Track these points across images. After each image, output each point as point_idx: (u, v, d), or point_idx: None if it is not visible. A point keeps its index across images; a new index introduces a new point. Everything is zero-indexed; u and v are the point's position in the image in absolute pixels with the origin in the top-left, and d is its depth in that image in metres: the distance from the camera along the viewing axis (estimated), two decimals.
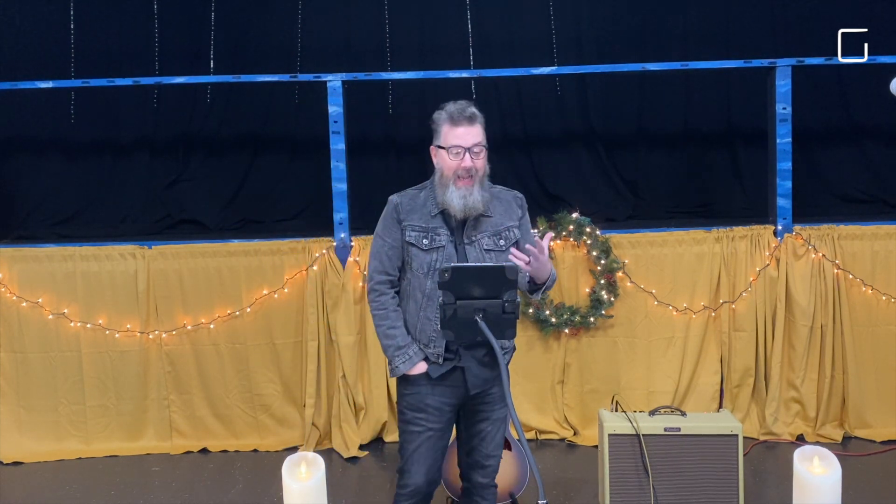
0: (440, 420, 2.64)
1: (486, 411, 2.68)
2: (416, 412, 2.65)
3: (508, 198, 2.68)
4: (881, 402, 4.29)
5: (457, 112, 2.53)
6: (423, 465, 2.65)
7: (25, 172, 5.04)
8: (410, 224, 2.59)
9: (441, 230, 2.57)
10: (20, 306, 4.34)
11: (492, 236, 2.59)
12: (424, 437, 2.64)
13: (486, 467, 2.75)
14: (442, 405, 2.63)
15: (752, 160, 4.92)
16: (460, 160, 2.51)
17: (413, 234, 2.58)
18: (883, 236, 4.28)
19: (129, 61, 5.02)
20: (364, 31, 5.09)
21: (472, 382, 2.60)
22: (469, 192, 2.51)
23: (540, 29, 5.09)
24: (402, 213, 2.61)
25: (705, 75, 4.95)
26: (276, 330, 4.37)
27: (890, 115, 4.83)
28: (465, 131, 2.52)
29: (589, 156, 5.13)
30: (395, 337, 2.62)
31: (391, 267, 2.64)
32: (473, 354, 2.58)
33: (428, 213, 2.59)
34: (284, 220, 5.08)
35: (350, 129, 4.53)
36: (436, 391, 2.62)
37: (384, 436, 4.43)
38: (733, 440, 3.20)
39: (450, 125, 2.53)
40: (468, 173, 2.51)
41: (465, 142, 2.51)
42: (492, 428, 2.70)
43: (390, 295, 2.65)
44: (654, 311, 4.33)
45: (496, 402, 2.68)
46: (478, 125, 2.55)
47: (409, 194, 2.66)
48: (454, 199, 2.51)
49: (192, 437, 4.42)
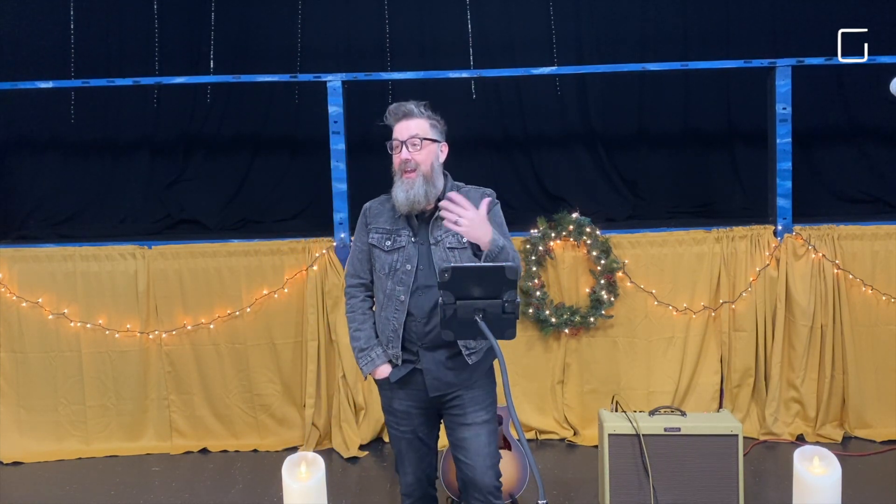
0: (409, 423, 2.63)
1: (458, 415, 2.59)
2: (388, 415, 2.69)
3: (476, 196, 2.60)
4: (881, 402, 4.28)
5: (393, 109, 2.58)
6: (408, 466, 2.69)
7: (25, 172, 5.04)
8: (376, 227, 2.63)
9: (403, 231, 2.57)
10: (20, 306, 4.34)
11: (455, 235, 2.52)
12: (401, 440, 2.67)
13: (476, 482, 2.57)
14: (408, 408, 2.62)
15: (752, 160, 4.92)
16: (398, 154, 2.54)
17: (376, 236, 2.61)
18: (883, 236, 4.28)
19: (129, 61, 5.03)
20: (364, 31, 5.10)
21: (431, 385, 2.55)
22: (411, 185, 2.51)
23: (540, 29, 5.10)
24: (370, 217, 2.66)
25: (705, 75, 4.96)
26: (276, 330, 4.37)
27: (890, 115, 4.83)
28: (401, 126, 2.56)
29: (589, 156, 5.13)
30: (359, 339, 2.65)
31: (362, 270, 2.68)
32: (435, 357, 2.54)
33: (393, 216, 2.61)
34: (284, 220, 5.08)
35: (350, 129, 4.53)
36: (398, 395, 2.62)
37: (384, 436, 4.42)
38: (733, 440, 3.19)
39: (393, 124, 2.59)
40: (407, 166, 2.52)
41: (401, 135, 2.55)
42: (469, 434, 2.58)
43: (360, 298, 2.70)
44: (654, 311, 4.33)
45: (468, 407, 2.58)
46: (417, 119, 2.56)
47: (381, 199, 2.69)
48: (398, 192, 2.53)
49: (192, 437, 4.42)
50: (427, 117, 2.59)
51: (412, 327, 2.53)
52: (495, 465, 2.61)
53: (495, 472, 2.60)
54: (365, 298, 2.70)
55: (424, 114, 2.59)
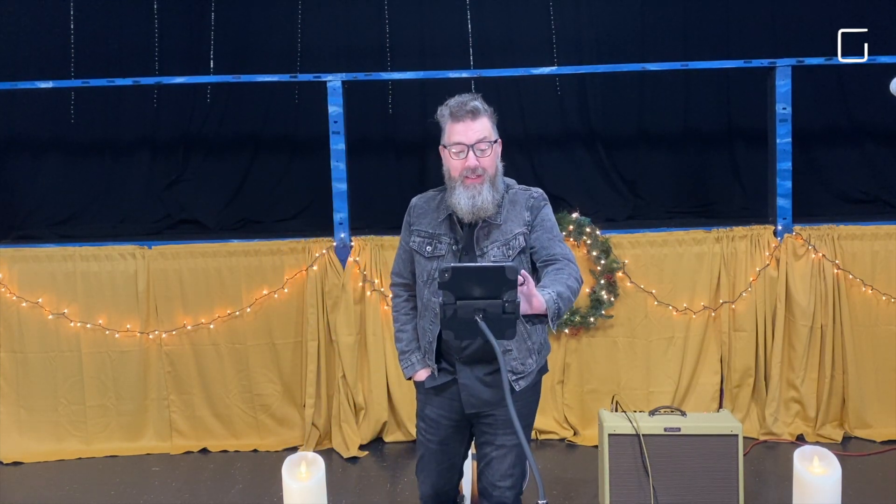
0: (438, 433, 2.51)
1: (489, 434, 2.47)
2: (420, 420, 2.58)
3: (522, 199, 2.41)
4: (881, 402, 4.28)
5: (457, 106, 2.33)
6: (427, 475, 2.59)
7: (25, 172, 5.04)
8: (418, 229, 2.45)
9: (444, 237, 2.39)
10: (20, 306, 4.34)
11: (501, 246, 2.35)
12: (426, 448, 2.56)
13: (492, 496, 2.49)
14: (439, 417, 2.50)
15: (752, 160, 4.92)
16: (464, 160, 2.30)
17: (417, 239, 2.44)
18: (883, 236, 4.28)
19: (129, 61, 5.03)
20: (364, 31, 5.09)
21: (468, 402, 2.42)
22: (478, 191, 2.29)
23: (540, 29, 5.09)
24: (414, 216, 2.48)
25: (705, 75, 4.95)
26: (276, 330, 4.37)
27: (890, 115, 4.83)
28: (465, 127, 2.30)
29: (589, 156, 5.13)
30: (401, 340, 2.56)
31: (405, 270, 2.54)
32: (473, 372, 2.41)
33: (437, 219, 2.42)
34: (284, 220, 5.08)
35: (350, 129, 4.53)
36: (433, 402, 2.50)
37: (384, 436, 4.43)
38: (733, 440, 3.19)
39: (451, 121, 2.33)
40: (474, 173, 2.29)
41: (468, 138, 2.30)
42: (496, 454, 2.46)
43: (403, 297, 2.58)
44: (654, 311, 4.33)
45: (500, 427, 2.45)
46: (483, 119, 2.33)
47: (428, 196, 2.50)
48: (462, 199, 2.30)
49: (192, 437, 4.42)
50: (490, 114, 2.37)
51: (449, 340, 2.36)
52: (516, 484, 2.52)
53: (515, 492, 2.51)
54: (408, 298, 2.56)
55: (488, 110, 2.37)
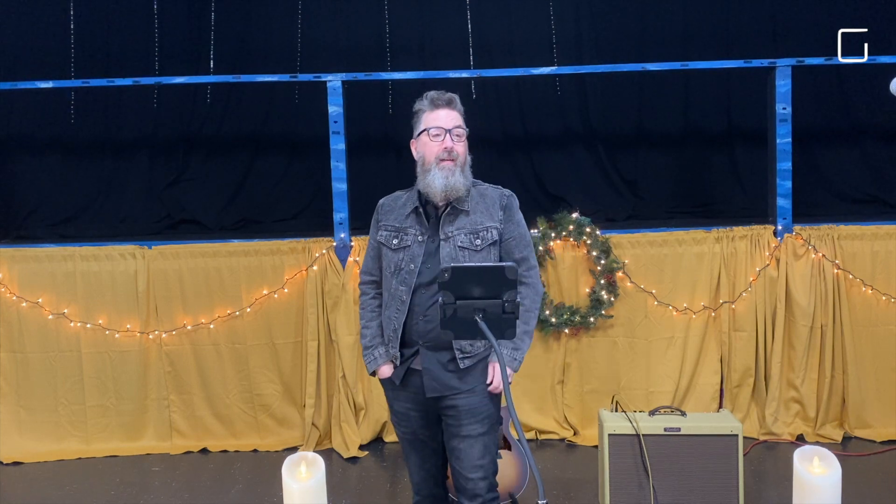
0: (408, 425, 2.62)
1: (454, 426, 2.53)
2: (391, 414, 2.71)
3: (494, 196, 2.59)
4: (881, 402, 4.28)
5: (436, 95, 2.55)
6: (413, 465, 2.71)
7: (25, 172, 5.04)
8: (385, 224, 2.61)
9: (411, 229, 2.54)
10: (20, 306, 4.34)
11: (468, 234, 2.51)
12: (403, 439, 2.68)
13: (465, 489, 2.54)
14: (407, 410, 2.60)
15: (752, 160, 4.92)
16: (441, 141, 2.49)
17: (385, 233, 2.59)
18: (883, 236, 4.28)
19: (129, 61, 5.03)
20: (364, 31, 5.09)
21: (429, 385, 2.50)
22: (451, 172, 2.47)
23: (540, 29, 5.09)
24: (382, 213, 2.65)
25: (705, 75, 4.95)
26: (276, 330, 4.37)
27: (890, 115, 4.83)
28: (445, 114, 2.53)
29: (589, 156, 5.13)
30: (365, 336, 2.66)
31: (374, 267, 2.67)
32: (438, 357, 2.51)
33: (403, 214, 2.58)
34: (284, 220, 5.08)
35: (350, 129, 4.53)
36: (399, 395, 2.61)
37: (384, 436, 4.43)
38: (733, 440, 3.19)
39: (430, 109, 2.54)
40: (449, 155, 2.48)
41: (447, 123, 2.51)
42: (463, 445, 2.52)
43: (370, 295, 2.69)
44: (654, 311, 4.33)
45: (463, 418, 2.52)
46: (457, 111, 2.56)
47: (394, 195, 2.68)
48: (436, 179, 2.47)
49: (192, 437, 4.42)
50: (460, 110, 2.59)
51: (414, 326, 2.50)
52: (488, 475, 2.56)
53: (488, 483, 2.55)
54: (375, 296, 2.68)
55: (460, 107, 2.59)
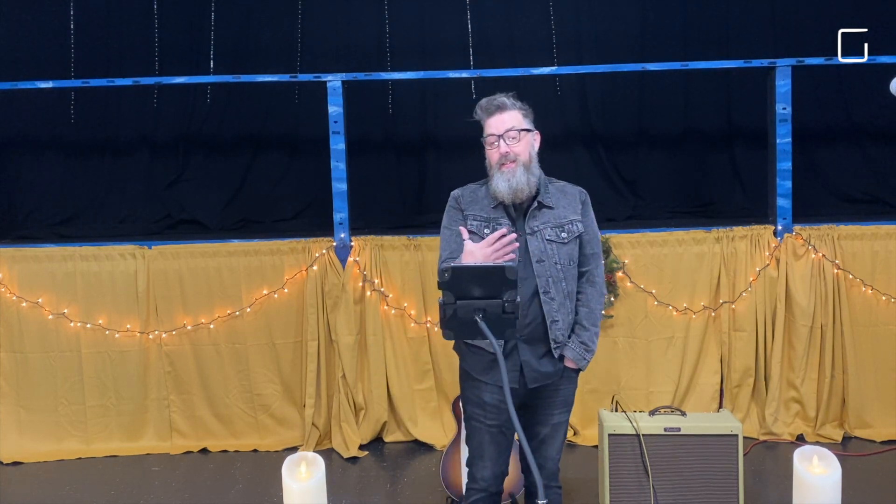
0: (499, 416, 2.62)
1: (544, 414, 2.67)
2: (476, 408, 2.65)
3: (574, 192, 2.70)
4: (881, 402, 4.28)
5: (486, 104, 2.62)
6: (488, 460, 2.65)
7: (25, 172, 5.04)
8: (472, 213, 2.62)
9: (502, 220, 2.57)
10: (20, 306, 4.34)
11: (554, 227, 2.59)
12: (487, 433, 2.64)
13: (544, 468, 2.71)
14: (498, 402, 2.60)
15: (752, 160, 4.92)
16: (497, 148, 2.57)
17: (475, 223, 2.60)
18: (883, 236, 4.28)
19: (129, 61, 5.02)
20: (364, 31, 5.09)
21: (530, 377, 2.57)
22: (512, 174, 2.54)
23: (540, 29, 5.09)
24: (464, 203, 2.66)
25: (705, 75, 4.95)
26: (276, 330, 4.37)
27: (890, 115, 4.83)
28: (496, 120, 2.59)
29: (589, 156, 5.13)
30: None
31: (458, 252, 2.60)
32: (535, 350, 2.57)
33: (489, 205, 2.62)
34: (284, 220, 5.08)
35: (350, 129, 4.53)
36: (493, 389, 2.61)
37: (384, 436, 4.43)
38: (733, 440, 3.19)
39: (486, 117, 2.63)
40: (506, 158, 2.55)
41: (498, 129, 2.58)
42: (551, 431, 2.69)
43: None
44: (654, 311, 4.33)
45: (557, 406, 2.67)
46: (511, 111, 2.61)
47: (470, 188, 2.70)
48: (500, 183, 2.54)
49: (192, 437, 4.42)
50: (519, 108, 2.64)
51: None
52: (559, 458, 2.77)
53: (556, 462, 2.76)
54: None
55: (516, 105, 2.63)
